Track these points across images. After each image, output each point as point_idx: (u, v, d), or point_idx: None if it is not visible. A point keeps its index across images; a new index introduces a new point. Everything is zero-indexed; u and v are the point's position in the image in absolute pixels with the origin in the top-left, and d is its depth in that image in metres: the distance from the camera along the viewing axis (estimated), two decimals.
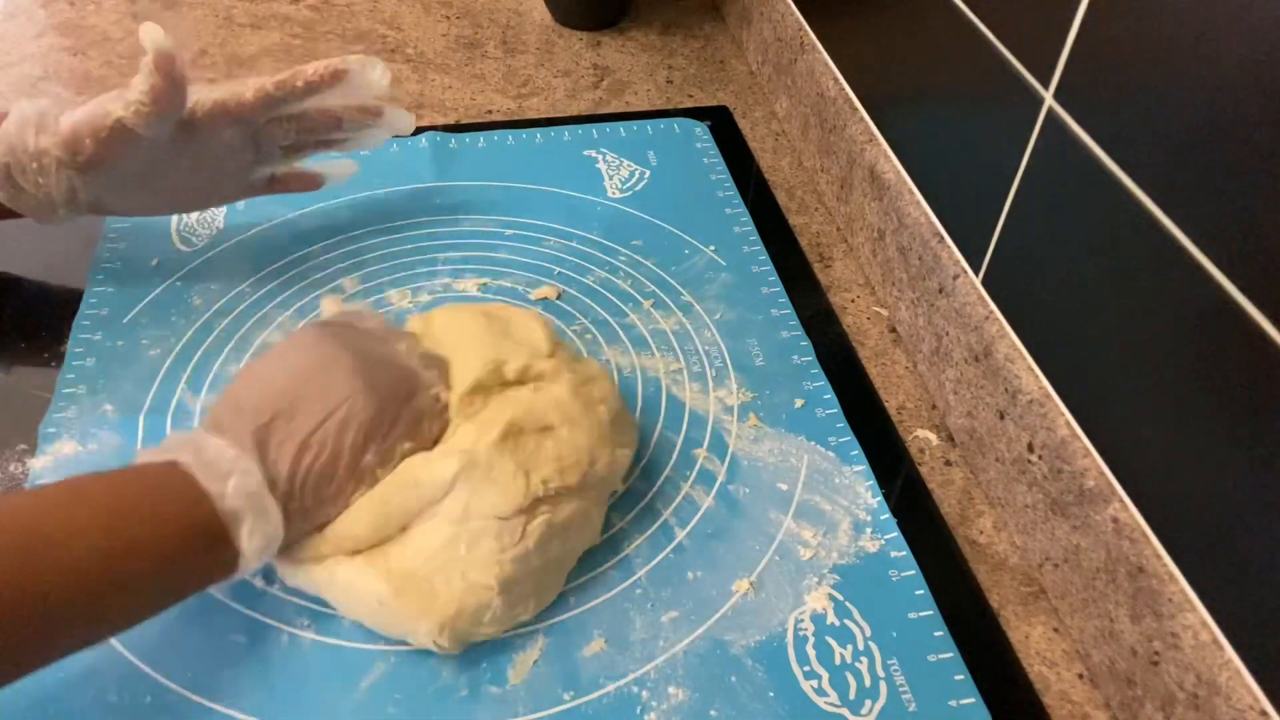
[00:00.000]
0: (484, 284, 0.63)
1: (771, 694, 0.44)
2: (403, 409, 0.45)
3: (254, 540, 0.41)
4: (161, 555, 0.39)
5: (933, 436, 0.57)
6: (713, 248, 0.67)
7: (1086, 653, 0.47)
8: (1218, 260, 0.37)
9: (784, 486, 0.53)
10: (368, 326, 0.50)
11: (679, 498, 0.52)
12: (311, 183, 0.63)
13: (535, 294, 0.63)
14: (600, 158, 0.74)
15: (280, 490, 0.42)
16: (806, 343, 0.61)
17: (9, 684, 0.35)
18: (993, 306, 0.53)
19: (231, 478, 0.40)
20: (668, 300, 0.63)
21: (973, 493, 0.54)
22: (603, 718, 0.43)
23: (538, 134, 0.76)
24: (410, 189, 0.70)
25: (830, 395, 0.58)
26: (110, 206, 0.57)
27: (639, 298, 0.63)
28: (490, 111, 0.79)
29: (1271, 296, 0.35)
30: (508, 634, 0.46)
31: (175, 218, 0.66)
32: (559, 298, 0.63)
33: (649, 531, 0.50)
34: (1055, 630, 0.48)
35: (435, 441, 0.46)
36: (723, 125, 0.79)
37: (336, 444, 0.43)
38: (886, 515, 0.52)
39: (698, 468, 0.54)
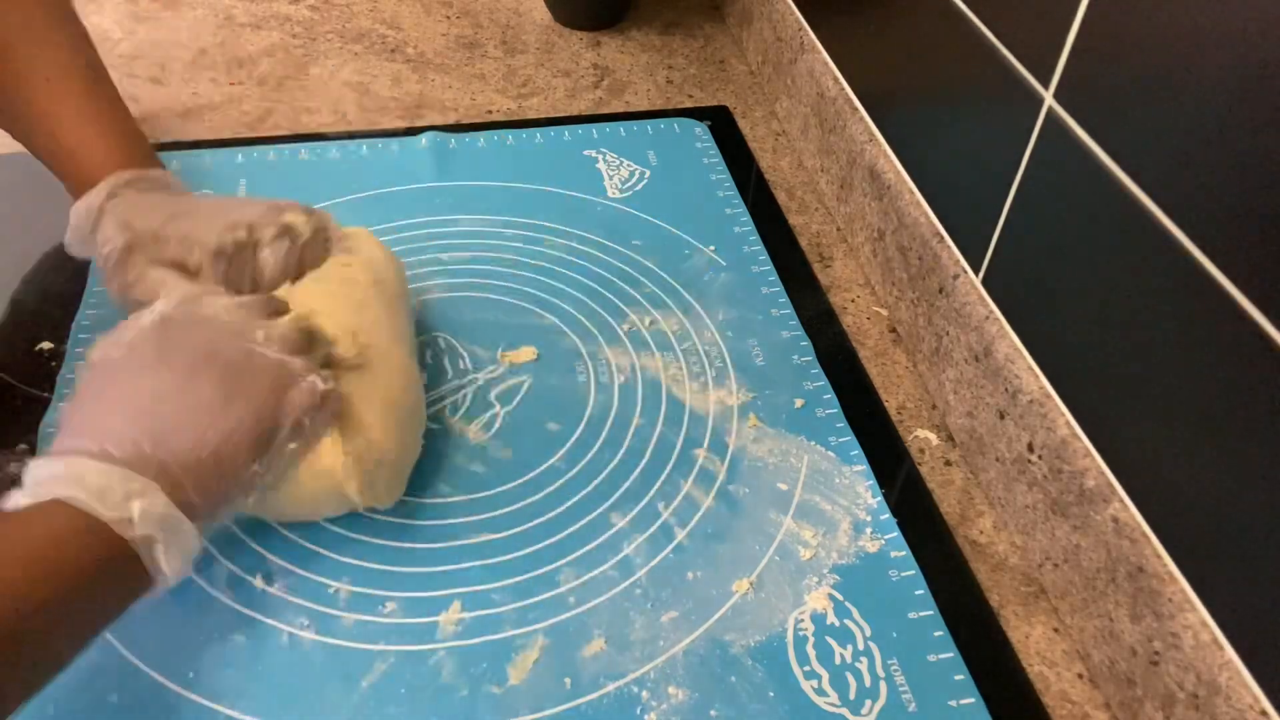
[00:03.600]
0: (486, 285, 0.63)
1: (771, 694, 0.44)
2: (280, 413, 0.43)
3: (172, 561, 0.39)
4: (76, 601, 0.37)
5: (933, 436, 0.57)
6: (713, 248, 0.67)
7: (1086, 653, 0.47)
8: (1217, 260, 0.37)
9: (784, 486, 0.53)
10: (213, 313, 0.45)
11: (679, 498, 0.52)
12: None
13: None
14: (600, 158, 0.74)
15: (186, 501, 0.40)
16: (806, 343, 0.61)
17: None
18: (993, 306, 0.53)
19: (133, 502, 0.38)
20: (668, 300, 0.63)
21: (973, 493, 0.54)
22: (603, 718, 0.43)
23: (538, 134, 0.76)
24: (410, 189, 0.70)
25: (830, 395, 0.58)
26: None
27: (639, 298, 0.63)
28: (490, 111, 0.79)
29: (1271, 296, 0.35)
30: (508, 634, 0.46)
31: None
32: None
33: (649, 531, 0.50)
34: (1055, 630, 0.48)
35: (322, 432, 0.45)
36: (723, 125, 0.79)
37: (220, 461, 0.41)
38: (886, 515, 0.52)
39: (698, 468, 0.54)
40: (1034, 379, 0.49)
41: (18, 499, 0.39)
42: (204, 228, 0.50)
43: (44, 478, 0.39)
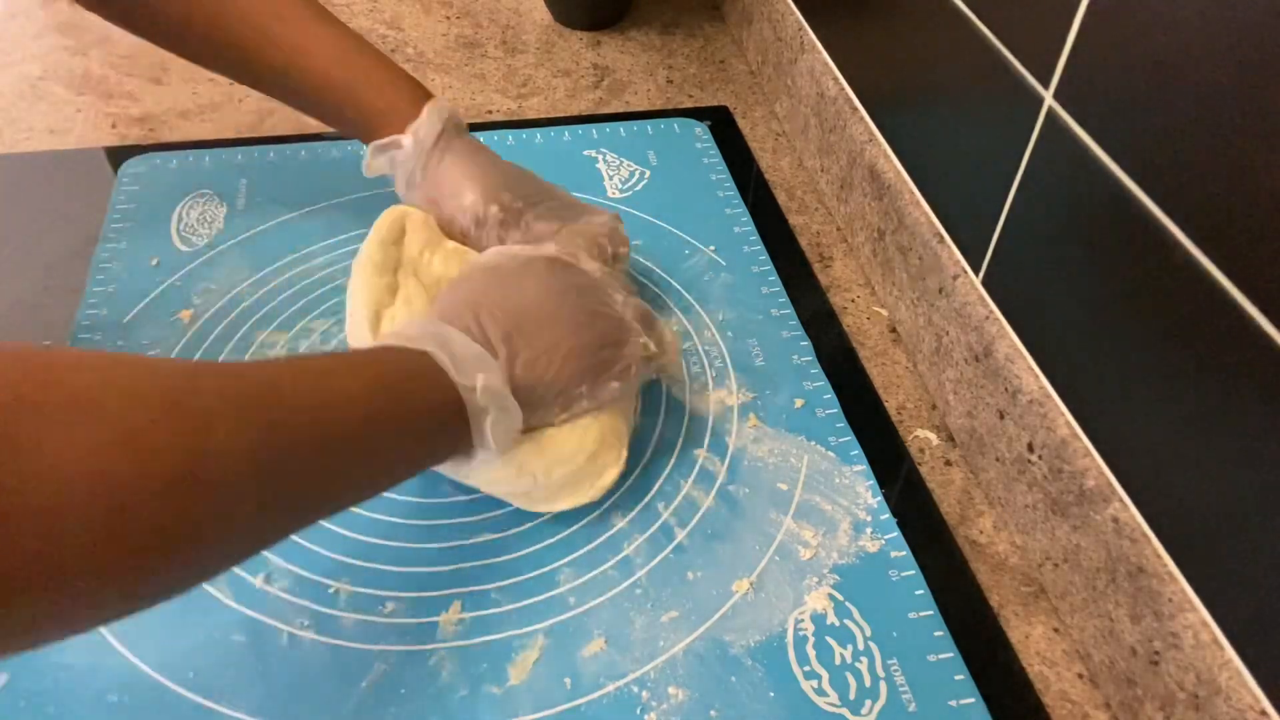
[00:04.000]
0: None
1: (771, 694, 0.44)
2: (616, 355, 0.49)
3: (498, 434, 0.44)
4: (415, 434, 0.42)
5: (933, 436, 0.57)
6: (713, 248, 0.67)
7: (1086, 653, 0.47)
8: (1217, 260, 0.37)
9: (784, 486, 0.53)
10: (588, 268, 0.52)
11: (679, 498, 0.52)
12: None
13: None
14: (600, 158, 0.74)
15: (521, 394, 0.45)
16: (806, 343, 0.61)
17: (275, 542, 0.37)
18: (993, 306, 0.53)
19: (480, 375, 0.43)
20: (668, 300, 0.63)
21: (973, 493, 0.54)
22: (603, 718, 0.43)
23: (538, 134, 0.76)
24: None
25: (830, 395, 0.58)
26: None
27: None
28: (490, 111, 0.79)
29: (1271, 296, 0.35)
30: (508, 634, 0.46)
31: (175, 217, 0.66)
32: None
33: (649, 531, 0.50)
34: (1055, 630, 0.48)
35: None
36: (723, 125, 0.79)
37: (559, 369, 0.46)
38: (886, 515, 0.52)
39: (698, 468, 0.54)
40: (1034, 379, 0.49)
41: (394, 339, 0.44)
42: (547, 224, 0.56)
43: (415, 332, 0.44)
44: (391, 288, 0.53)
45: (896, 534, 0.51)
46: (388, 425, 0.40)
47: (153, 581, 0.32)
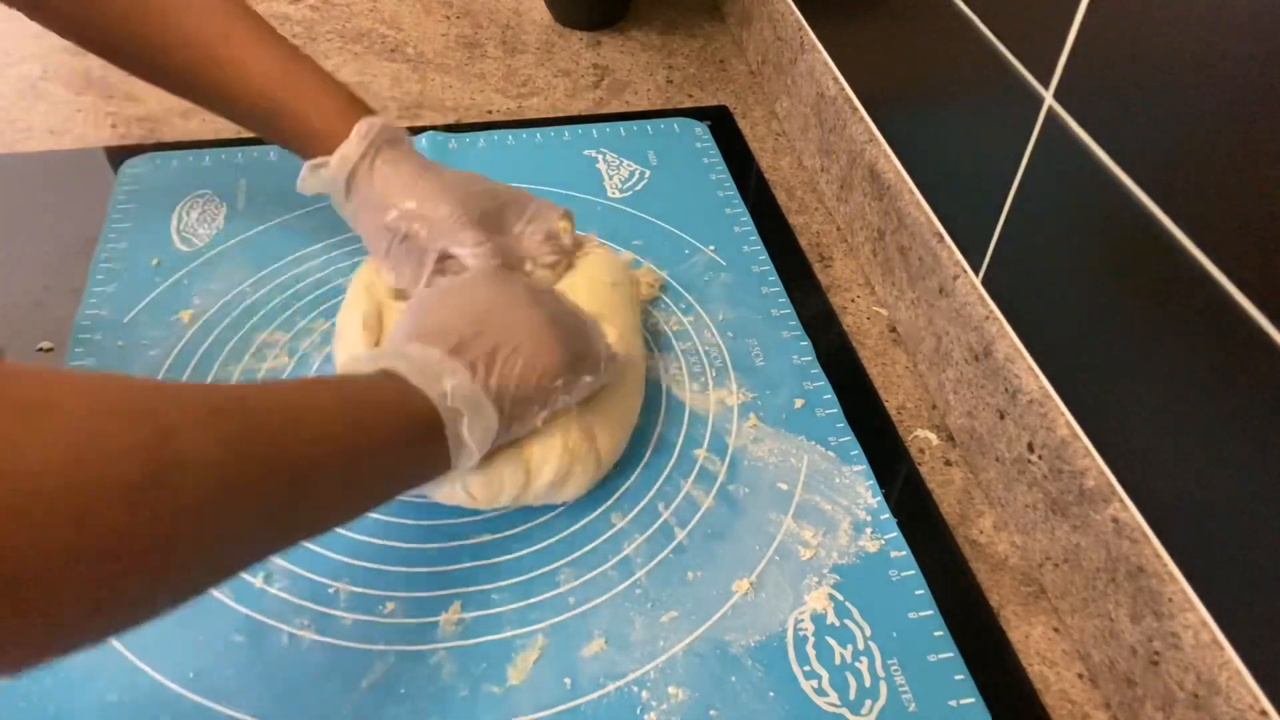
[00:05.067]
0: None
1: (771, 694, 0.44)
2: (585, 349, 0.49)
3: (475, 433, 0.43)
4: (390, 447, 0.41)
5: (933, 436, 0.57)
6: (713, 248, 0.67)
7: (1086, 653, 0.47)
8: (1217, 260, 0.37)
9: (784, 486, 0.53)
10: (528, 280, 0.52)
11: (679, 498, 0.52)
12: None
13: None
14: (600, 157, 0.74)
15: (493, 395, 0.45)
16: (806, 343, 0.61)
17: (252, 562, 0.37)
18: (993, 306, 0.53)
19: (446, 380, 0.43)
20: (668, 300, 0.63)
21: (973, 493, 0.54)
22: (603, 718, 0.43)
23: (538, 134, 0.76)
24: None
25: (830, 395, 0.58)
26: None
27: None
28: (490, 111, 0.79)
29: (1271, 296, 0.35)
30: (508, 634, 0.46)
31: (175, 217, 0.66)
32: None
33: (649, 531, 0.50)
34: (1055, 630, 0.48)
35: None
36: (723, 125, 0.79)
37: (526, 370, 0.46)
38: (886, 515, 0.52)
39: (698, 468, 0.54)
40: (1034, 379, 0.49)
41: (352, 367, 0.44)
42: (477, 225, 0.53)
43: (372, 357, 0.44)
44: (379, 311, 0.54)
45: (896, 534, 0.51)
46: (360, 439, 0.40)
47: (121, 593, 0.31)
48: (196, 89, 0.56)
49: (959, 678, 0.45)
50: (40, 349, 0.58)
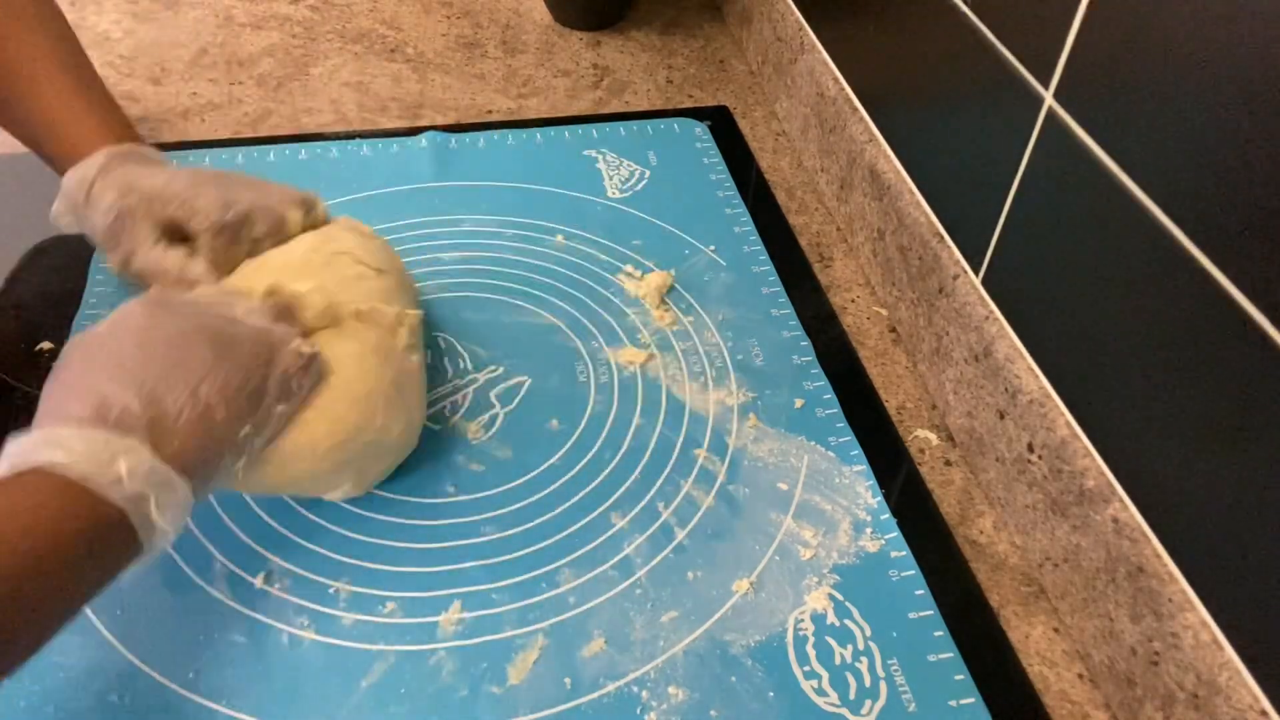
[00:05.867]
0: (489, 285, 0.63)
1: (771, 694, 0.44)
2: (267, 374, 0.43)
3: (165, 514, 0.38)
4: (62, 571, 0.36)
5: (933, 436, 0.57)
6: (713, 248, 0.67)
7: (1086, 653, 0.47)
8: (1217, 260, 0.37)
9: (784, 486, 0.53)
10: (194, 298, 0.46)
11: (679, 498, 0.52)
12: None
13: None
14: (600, 158, 0.74)
15: (178, 460, 0.40)
16: (806, 343, 0.61)
17: None
18: (993, 306, 0.53)
19: (119, 460, 0.37)
20: (668, 300, 0.63)
21: (973, 493, 0.54)
22: (603, 718, 0.43)
23: (538, 134, 0.76)
24: (410, 189, 0.70)
25: (830, 395, 0.58)
26: None
27: (639, 297, 0.63)
28: (490, 111, 0.79)
29: (1271, 296, 0.35)
30: (508, 634, 0.46)
31: None
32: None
33: (649, 531, 0.50)
34: (1055, 630, 0.48)
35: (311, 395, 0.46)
36: (723, 125, 0.79)
37: (209, 420, 0.40)
38: (886, 515, 0.52)
39: (698, 468, 0.54)
40: (1034, 379, 0.49)
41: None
42: (208, 197, 0.51)
43: (21, 450, 0.37)
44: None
45: (896, 534, 0.51)
46: (19, 593, 0.34)
47: None
48: None
49: (959, 678, 0.45)
50: (40, 349, 0.58)
